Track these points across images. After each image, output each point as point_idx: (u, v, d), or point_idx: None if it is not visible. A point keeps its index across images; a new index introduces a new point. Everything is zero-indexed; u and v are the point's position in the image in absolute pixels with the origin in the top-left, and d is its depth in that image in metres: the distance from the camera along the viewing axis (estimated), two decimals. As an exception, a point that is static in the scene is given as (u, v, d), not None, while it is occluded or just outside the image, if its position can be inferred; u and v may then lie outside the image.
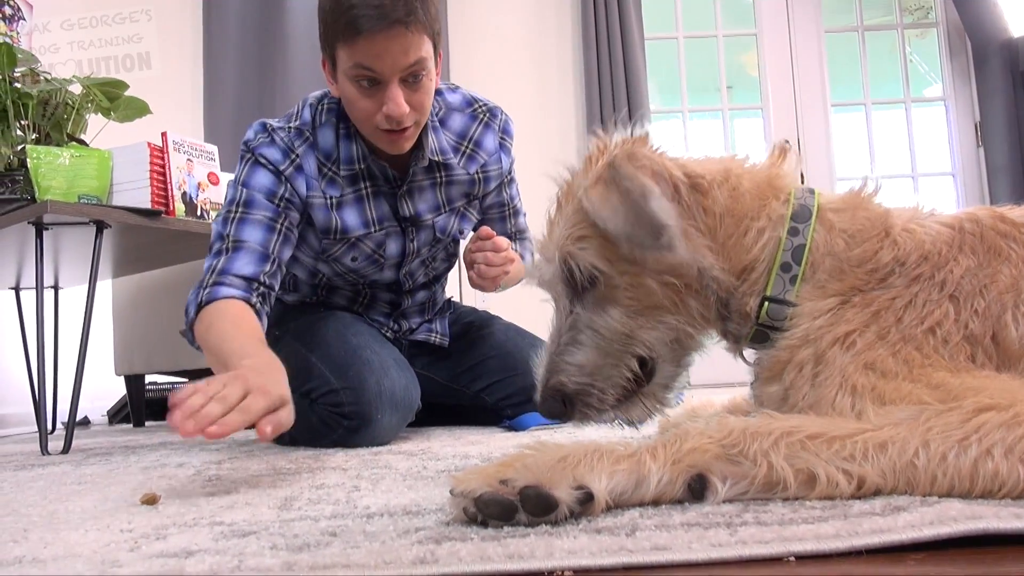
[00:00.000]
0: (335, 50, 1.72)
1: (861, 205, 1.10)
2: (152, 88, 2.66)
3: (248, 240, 1.79)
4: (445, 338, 2.23)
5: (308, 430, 1.91)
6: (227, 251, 1.78)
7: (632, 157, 1.04)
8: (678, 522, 0.76)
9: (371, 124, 1.77)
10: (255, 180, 1.84)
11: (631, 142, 1.10)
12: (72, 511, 1.08)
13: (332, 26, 1.69)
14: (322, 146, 1.88)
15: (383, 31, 1.63)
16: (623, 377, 1.09)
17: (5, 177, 2.35)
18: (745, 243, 1.07)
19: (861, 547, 0.66)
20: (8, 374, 3.43)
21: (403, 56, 1.66)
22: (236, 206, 1.83)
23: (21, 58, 2.45)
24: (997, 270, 0.99)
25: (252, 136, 1.88)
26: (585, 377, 1.09)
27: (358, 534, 0.80)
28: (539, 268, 1.15)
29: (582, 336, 1.10)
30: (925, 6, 4.96)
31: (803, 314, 1.04)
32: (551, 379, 1.10)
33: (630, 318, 1.08)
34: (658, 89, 4.93)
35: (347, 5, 1.64)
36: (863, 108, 4.76)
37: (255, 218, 1.82)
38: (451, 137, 1.99)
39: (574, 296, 1.11)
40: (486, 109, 2.07)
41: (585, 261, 1.07)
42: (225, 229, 1.82)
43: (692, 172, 1.08)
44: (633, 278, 1.06)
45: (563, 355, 1.11)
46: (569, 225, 1.10)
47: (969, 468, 0.78)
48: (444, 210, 2.03)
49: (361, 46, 1.65)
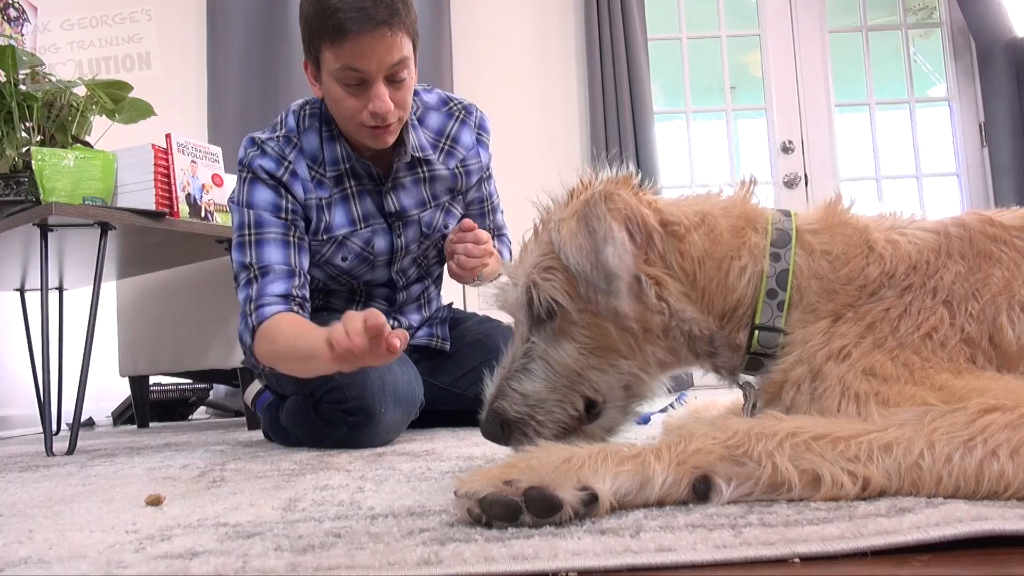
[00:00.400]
0: (320, 52, 1.77)
1: (839, 222, 1.10)
2: (152, 88, 2.66)
3: (270, 263, 1.85)
4: (446, 342, 2.23)
5: (312, 429, 1.91)
6: (256, 279, 1.85)
7: (608, 198, 1.06)
8: (682, 523, 0.75)
9: (356, 121, 1.83)
10: (257, 197, 1.89)
11: (614, 182, 1.11)
12: (77, 512, 1.08)
13: (317, 29, 1.74)
14: (308, 150, 1.93)
15: (368, 32, 1.69)
16: (566, 414, 1.10)
17: (10, 179, 2.36)
18: (729, 283, 1.08)
19: (866, 548, 0.66)
20: (13, 375, 3.44)
21: (387, 56, 1.73)
22: (248, 229, 1.88)
23: (26, 60, 2.45)
24: (989, 273, 0.99)
25: (244, 153, 1.93)
26: (526, 407, 1.10)
27: (362, 535, 0.80)
28: (505, 291, 1.16)
29: (533, 365, 1.11)
30: (929, 6, 4.94)
31: (795, 342, 1.04)
32: (495, 402, 1.12)
33: (583, 356, 1.09)
34: (661, 90, 4.93)
35: (332, 9, 1.69)
36: (867, 108, 4.75)
37: (269, 237, 1.87)
38: (429, 135, 2.04)
39: (533, 325, 1.12)
40: (461, 107, 2.11)
41: (547, 292, 1.08)
42: (246, 258, 1.87)
43: (668, 218, 1.09)
44: (591, 317, 1.07)
45: (511, 381, 1.12)
46: (540, 254, 1.11)
47: (975, 469, 0.78)
48: (429, 206, 2.06)
49: (347, 48, 1.71)
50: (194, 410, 4.04)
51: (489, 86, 4.59)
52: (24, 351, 3.18)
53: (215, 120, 4.39)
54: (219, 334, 3.00)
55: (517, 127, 4.50)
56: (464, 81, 4.55)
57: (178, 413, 3.89)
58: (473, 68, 4.63)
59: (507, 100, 4.58)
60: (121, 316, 3.41)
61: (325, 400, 1.87)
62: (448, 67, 4.54)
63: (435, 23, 4.46)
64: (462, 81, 4.55)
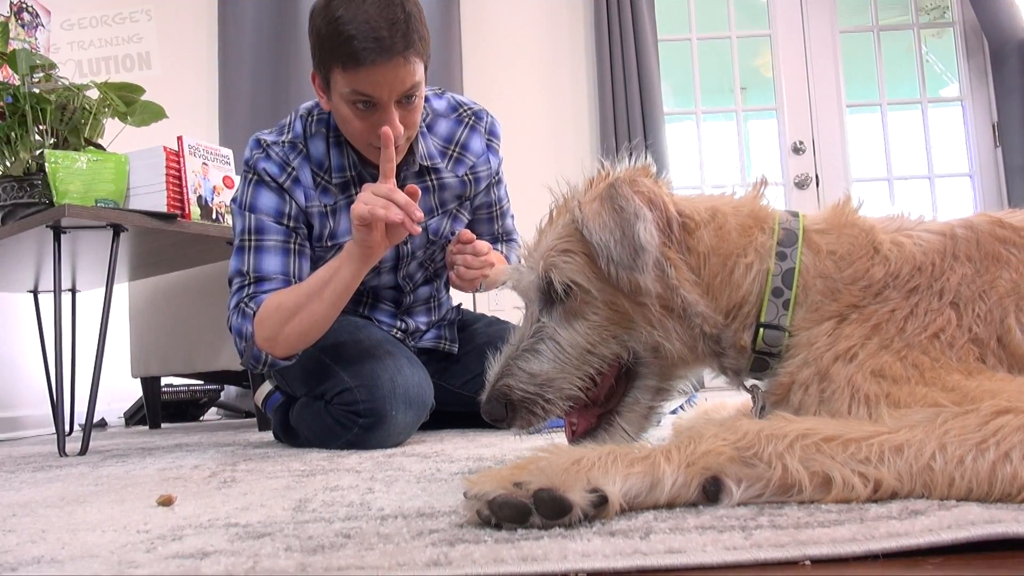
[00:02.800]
0: (331, 72, 1.75)
1: (846, 223, 1.10)
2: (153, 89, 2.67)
3: (267, 273, 1.86)
4: (454, 344, 2.23)
5: (322, 431, 1.92)
6: (249, 285, 1.86)
7: (633, 183, 1.08)
8: (692, 525, 0.75)
9: (364, 141, 1.82)
10: (260, 202, 1.88)
11: (634, 170, 1.13)
12: (89, 512, 1.09)
13: (330, 52, 1.71)
14: (314, 156, 1.92)
15: (383, 63, 1.67)
16: (575, 389, 1.10)
17: (24, 181, 2.38)
18: (734, 279, 1.08)
19: (878, 551, 0.66)
20: (26, 376, 3.46)
21: (400, 84, 1.72)
22: (248, 234, 1.88)
23: (39, 63, 2.47)
24: (996, 275, 0.99)
25: (249, 154, 1.92)
26: (535, 387, 1.10)
27: (372, 536, 0.80)
28: (518, 272, 1.16)
29: (542, 346, 1.11)
30: (941, 5, 4.91)
31: (800, 343, 1.04)
32: (500, 381, 1.12)
33: (595, 332, 1.09)
34: (672, 91, 4.92)
35: (347, 35, 1.66)
36: (879, 109, 4.73)
37: (269, 245, 1.87)
38: (438, 142, 2.03)
39: (545, 306, 1.13)
40: (471, 113, 2.09)
41: (565, 274, 1.09)
42: (243, 265, 1.87)
43: (682, 210, 1.10)
44: (610, 296, 1.08)
45: (518, 360, 1.12)
46: (557, 237, 1.12)
47: (987, 471, 0.77)
48: (436, 213, 2.06)
49: (360, 75, 1.69)
50: (205, 411, 4.06)
51: (499, 87, 4.60)
52: (37, 352, 3.20)
53: (226, 121, 4.41)
54: (230, 336, 3.01)
55: (527, 128, 4.50)
56: (473, 81, 4.56)
57: (189, 414, 3.92)
58: (483, 68, 4.63)
59: (517, 101, 4.58)
60: (133, 318, 3.43)
61: (336, 402, 1.87)
62: (458, 67, 4.54)
63: (445, 23, 4.47)
64: (471, 81, 4.56)
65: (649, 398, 1.15)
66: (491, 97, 4.30)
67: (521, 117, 4.50)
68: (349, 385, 1.85)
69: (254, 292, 1.85)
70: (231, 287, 1.90)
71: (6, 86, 2.42)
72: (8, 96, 2.37)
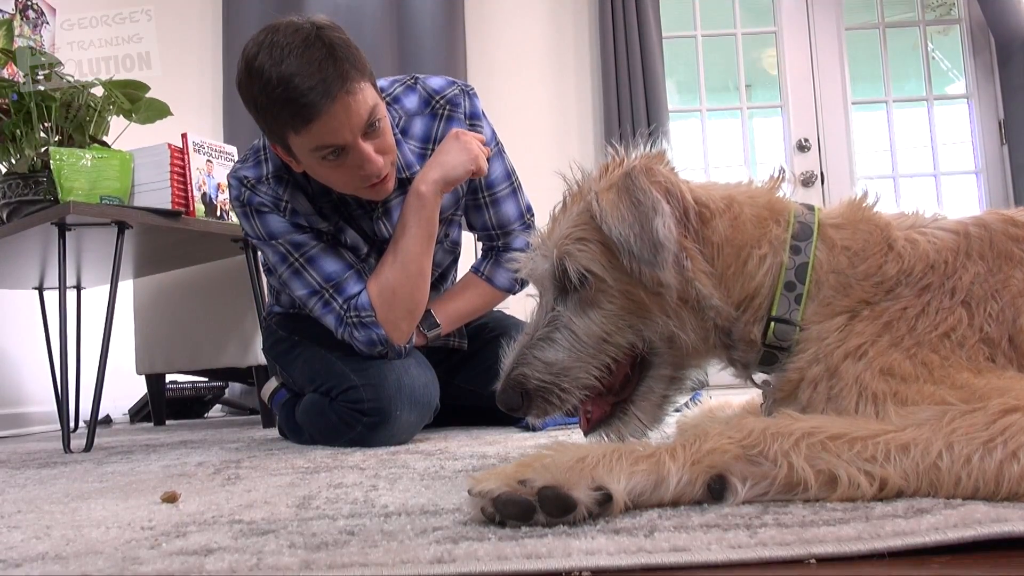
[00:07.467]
0: (286, 139, 1.67)
1: (862, 219, 1.09)
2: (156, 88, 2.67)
3: (334, 274, 1.84)
4: (464, 341, 2.22)
5: (327, 429, 1.92)
6: (333, 298, 1.84)
7: (649, 171, 1.06)
8: (697, 523, 0.75)
9: (352, 189, 1.77)
10: (275, 227, 1.84)
11: (649, 157, 1.12)
12: (94, 508, 1.09)
13: (276, 120, 1.64)
14: (301, 181, 1.86)
15: (330, 107, 1.59)
16: (591, 378, 1.10)
17: (29, 179, 2.38)
18: (747, 271, 1.07)
19: (883, 550, 0.65)
20: (32, 373, 3.47)
21: (357, 118, 1.64)
22: (290, 256, 1.85)
23: (43, 61, 2.48)
24: (1009, 275, 0.98)
25: (238, 192, 1.85)
26: (551, 376, 1.09)
27: (376, 533, 0.80)
28: (532, 260, 1.15)
29: (557, 334, 1.10)
30: (947, 2, 4.90)
31: (811, 338, 1.03)
32: (515, 371, 1.11)
33: (611, 321, 1.08)
34: (676, 88, 4.91)
35: (283, 99, 1.59)
36: (884, 106, 4.71)
37: (314, 253, 1.84)
38: (415, 144, 1.94)
39: (559, 295, 1.12)
40: (445, 101, 1.96)
41: (580, 262, 1.08)
42: (310, 283, 1.85)
43: (698, 198, 1.09)
44: (626, 286, 1.07)
45: (533, 349, 1.11)
46: (571, 225, 1.10)
47: (994, 470, 0.77)
48: None
49: (315, 130, 1.61)
50: (210, 408, 4.07)
51: (503, 84, 4.59)
52: (42, 349, 3.21)
53: (231, 119, 4.40)
54: (235, 333, 3.02)
55: (531, 124, 4.50)
56: (477, 79, 4.55)
57: (194, 411, 3.92)
58: (487, 65, 4.63)
59: (521, 97, 4.58)
60: (138, 315, 3.44)
61: (341, 400, 1.87)
62: (462, 64, 4.54)
63: (449, 19, 4.46)
64: (475, 79, 4.54)
65: (663, 387, 1.14)
66: (495, 95, 4.30)
67: (525, 113, 4.49)
68: (355, 383, 1.84)
69: (344, 301, 1.82)
70: (313, 311, 1.87)
71: (11, 83, 2.42)
72: (13, 94, 2.37)
